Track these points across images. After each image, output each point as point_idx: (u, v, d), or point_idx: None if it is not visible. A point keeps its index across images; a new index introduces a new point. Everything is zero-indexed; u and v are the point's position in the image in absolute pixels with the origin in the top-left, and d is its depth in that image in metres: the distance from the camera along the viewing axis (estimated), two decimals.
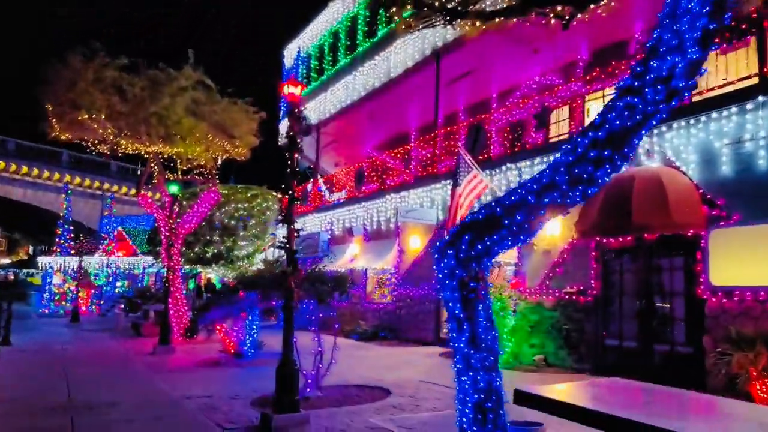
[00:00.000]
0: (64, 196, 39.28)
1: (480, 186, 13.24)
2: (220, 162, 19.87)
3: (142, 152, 18.74)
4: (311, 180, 30.02)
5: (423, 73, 18.69)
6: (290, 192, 8.20)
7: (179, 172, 20.39)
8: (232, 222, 26.05)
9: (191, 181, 20.07)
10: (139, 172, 64.73)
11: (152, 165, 19.00)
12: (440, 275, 4.60)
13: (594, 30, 14.77)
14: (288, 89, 8.39)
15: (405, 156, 23.95)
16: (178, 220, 18.60)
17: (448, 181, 16.51)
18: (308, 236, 25.33)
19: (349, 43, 23.34)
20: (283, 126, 29.31)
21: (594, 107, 15.98)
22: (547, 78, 17.95)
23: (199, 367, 13.45)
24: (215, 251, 25.77)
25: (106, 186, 64.81)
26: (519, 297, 13.06)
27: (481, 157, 15.41)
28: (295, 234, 8.39)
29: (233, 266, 26.75)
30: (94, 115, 15.88)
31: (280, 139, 29.50)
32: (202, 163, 19.41)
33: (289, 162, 8.27)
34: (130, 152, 18.76)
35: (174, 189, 16.94)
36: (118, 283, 36.95)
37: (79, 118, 15.87)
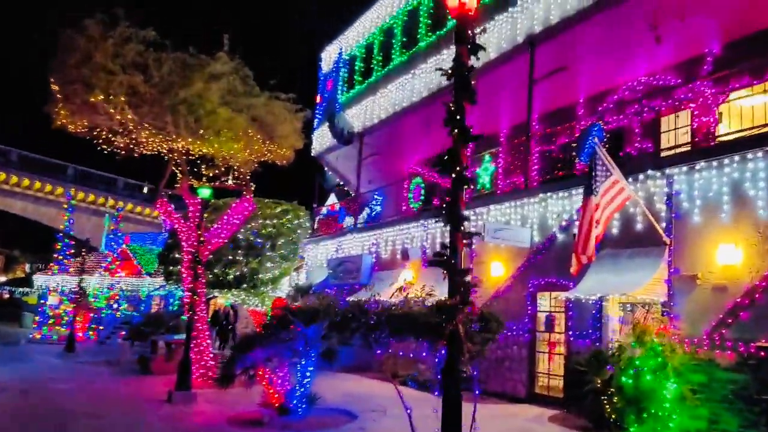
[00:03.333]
0: (66, 207, 36.10)
1: (621, 196, 9.91)
2: (257, 165, 16.62)
3: (164, 150, 15.49)
4: (348, 197, 26.80)
5: (507, 66, 15.56)
6: (458, 168, 4.93)
7: (205, 178, 17.10)
8: (259, 240, 22.69)
9: (221, 188, 16.74)
10: (146, 190, 62.17)
11: (177, 165, 15.73)
12: None
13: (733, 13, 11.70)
14: None
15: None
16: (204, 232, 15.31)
17: (549, 194, 13.22)
18: (346, 259, 21.95)
19: (405, 39, 20.30)
20: (319, 136, 26.14)
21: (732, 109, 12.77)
22: (658, 78, 14.78)
23: (233, 427, 9.99)
24: (237, 273, 22.37)
25: (111, 202, 61.59)
26: (672, 347, 9.62)
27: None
28: (451, 251, 5.11)
29: (256, 291, 23.30)
30: (111, 97, 12.66)
31: (313, 150, 26.31)
32: (236, 166, 16.14)
33: (457, 116, 5.03)
34: (149, 151, 15.49)
35: (206, 193, 13.62)
36: (121, 307, 33.42)
37: (93, 99, 12.66)
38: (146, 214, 63.60)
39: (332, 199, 32.11)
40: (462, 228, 5.21)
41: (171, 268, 23.31)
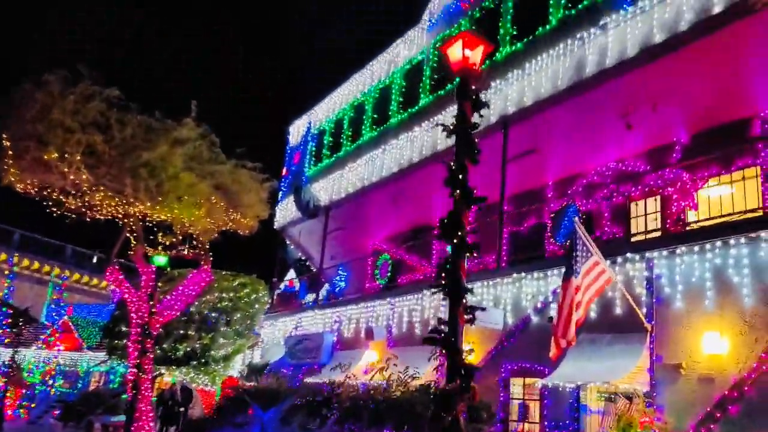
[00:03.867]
0: (8, 274, 34.06)
1: (602, 278, 9.56)
2: (217, 235, 15.85)
3: (119, 215, 14.65)
4: (309, 273, 25.99)
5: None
6: (460, 233, 4.44)
7: (160, 246, 16.19)
8: (213, 314, 21.54)
9: (177, 257, 15.83)
10: (95, 259, 59.75)
11: (132, 231, 14.84)
12: None
13: (702, 104, 12.00)
14: (458, 51, 4.84)
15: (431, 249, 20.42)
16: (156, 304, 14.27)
17: (524, 275, 12.83)
18: (306, 337, 20.86)
19: (377, 116, 20.32)
20: (283, 208, 25.57)
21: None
22: (627, 164, 14.94)
23: None
24: (188, 349, 21.03)
25: (57, 271, 58.76)
26: None
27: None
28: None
29: (206, 369, 21.88)
30: (66, 156, 11.94)
31: (276, 223, 25.63)
32: (195, 235, 15.34)
33: (459, 175, 4.58)
34: (103, 215, 14.63)
35: (161, 260, 12.76)
36: (56, 383, 30.98)
37: (46, 157, 11.91)
38: (93, 285, 60.69)
39: (291, 274, 31.19)
40: (464, 301, 4.65)
41: (116, 342, 21.81)
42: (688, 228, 10.81)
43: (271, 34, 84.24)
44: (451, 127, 5.45)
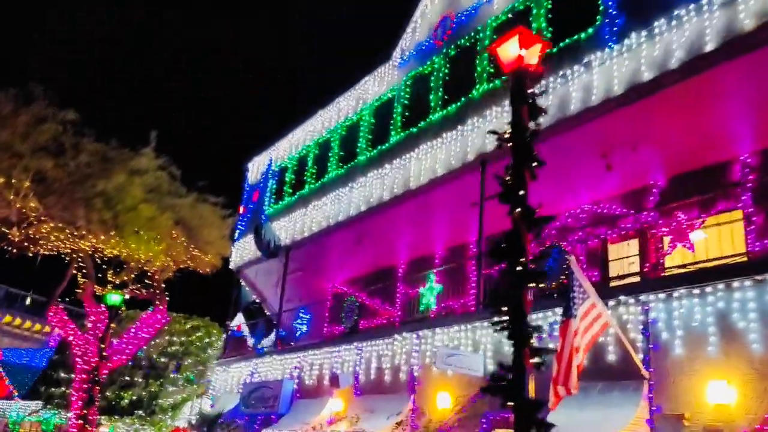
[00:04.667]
0: None
1: (599, 322, 9.04)
2: (173, 273, 14.77)
3: (68, 249, 13.44)
4: (259, 317, 24.72)
5: (453, 184, 15.12)
6: (522, 258, 3.82)
7: (110, 285, 14.95)
8: (163, 359, 20.11)
9: (130, 296, 14.61)
10: (28, 301, 56.30)
11: (80, 268, 13.60)
12: None
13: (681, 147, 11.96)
14: (512, 50, 4.30)
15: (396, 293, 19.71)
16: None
17: (504, 318, 12.21)
18: (263, 384, 19.58)
19: (343, 153, 19.78)
20: (239, 247, 24.41)
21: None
22: (603, 206, 14.78)
23: None
24: (134, 397, 19.45)
25: None
26: None
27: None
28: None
29: (152, 420, 20.24)
30: (13, 181, 10.82)
31: (232, 263, 24.43)
32: (150, 272, 14.22)
33: (519, 191, 3.98)
34: (48, 250, 13.39)
35: (115, 299, 11.60)
36: None
37: None
38: (26, 328, 56.82)
39: (239, 318, 29.53)
40: (531, 341, 3.97)
41: (53, 389, 20.04)
42: (683, 270, 10.48)
43: (229, 62, 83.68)
44: (505, 135, 4.84)
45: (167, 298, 14.61)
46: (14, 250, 13.02)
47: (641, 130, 11.54)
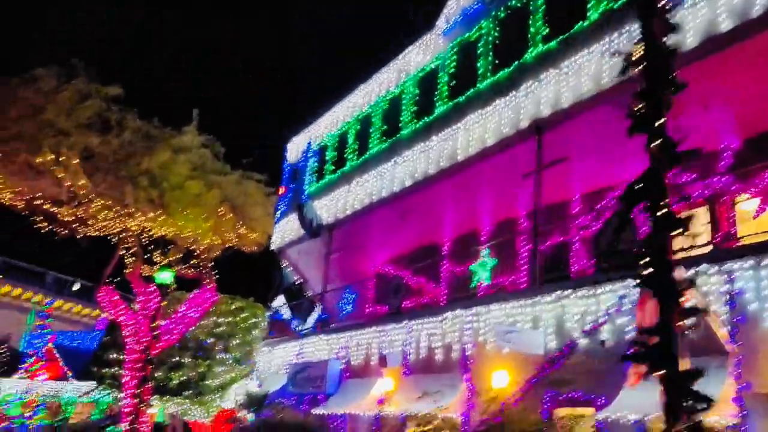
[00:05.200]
0: None
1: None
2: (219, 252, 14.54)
3: (116, 230, 13.30)
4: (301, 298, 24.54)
5: (503, 154, 14.47)
6: (662, 201, 3.22)
7: (156, 266, 14.80)
8: (209, 340, 20.03)
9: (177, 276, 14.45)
10: (76, 287, 57.70)
11: (128, 248, 13.47)
12: None
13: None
14: None
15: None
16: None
17: (567, 293, 11.59)
18: (309, 365, 19.36)
19: (386, 127, 19.24)
20: (281, 228, 24.16)
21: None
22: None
23: None
24: (183, 378, 19.45)
25: (39, 297, 56.44)
26: None
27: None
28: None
29: (201, 400, 20.27)
30: (62, 158, 10.62)
31: (273, 244, 24.21)
32: (197, 251, 14.01)
33: (655, 120, 3.39)
34: (97, 231, 13.26)
35: (166, 277, 11.40)
36: (36, 416, 28.94)
37: (40, 160, 10.58)
38: (75, 312, 58.35)
39: (281, 300, 29.41)
40: (682, 296, 3.40)
41: (104, 370, 20.23)
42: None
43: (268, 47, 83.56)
44: (633, 57, 4.19)
45: (216, 277, 14.39)
46: (64, 231, 12.92)
47: (716, 87, 10.67)
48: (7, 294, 52.99)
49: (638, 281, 4.15)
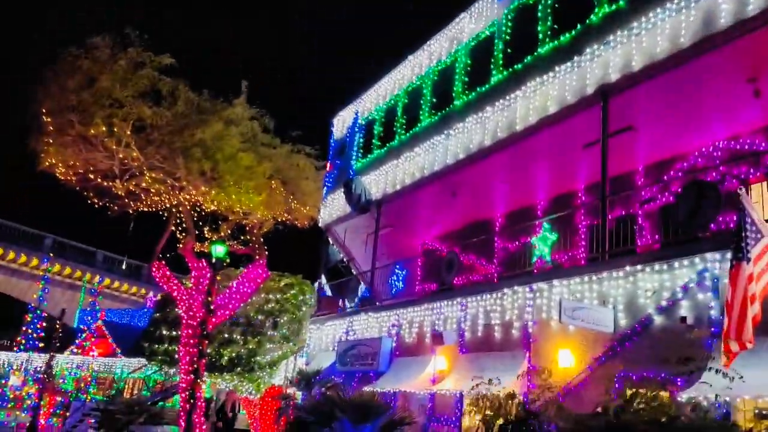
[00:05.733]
0: (42, 283, 33.02)
1: None
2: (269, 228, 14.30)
3: (168, 204, 13.15)
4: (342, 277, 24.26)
5: (564, 124, 13.75)
6: None
7: (207, 242, 14.67)
8: (259, 317, 19.97)
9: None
10: (125, 265, 58.93)
11: (179, 223, 13.32)
12: None
13: None
14: None
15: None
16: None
17: (639, 267, 10.92)
18: (360, 342, 19.11)
19: (436, 100, 18.62)
20: (328, 204, 23.88)
21: None
22: (743, 142, 13.04)
23: None
24: (233, 354, 19.45)
25: (89, 276, 57.90)
26: None
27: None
28: None
29: (251, 376, 20.29)
30: (115, 129, 10.43)
31: (321, 220, 23.99)
32: (249, 225, 13.79)
33: None
34: (148, 207, 13.15)
35: (219, 251, 11.18)
36: (90, 390, 29.67)
37: (93, 131, 10.41)
38: (124, 290, 59.80)
39: (322, 279, 29.16)
40: None
41: (156, 346, 20.38)
42: None
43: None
44: None
45: (266, 252, 14.15)
46: (116, 207, 12.83)
47: None
48: (58, 273, 54.58)
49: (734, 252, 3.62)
